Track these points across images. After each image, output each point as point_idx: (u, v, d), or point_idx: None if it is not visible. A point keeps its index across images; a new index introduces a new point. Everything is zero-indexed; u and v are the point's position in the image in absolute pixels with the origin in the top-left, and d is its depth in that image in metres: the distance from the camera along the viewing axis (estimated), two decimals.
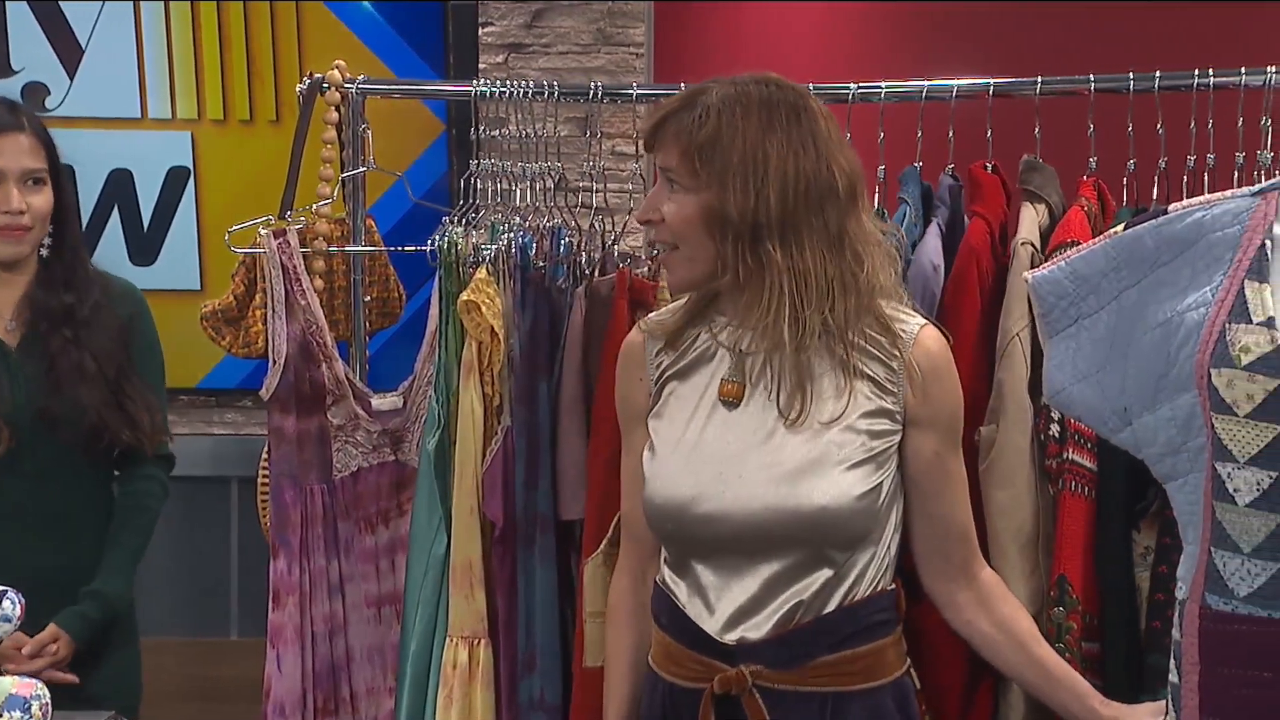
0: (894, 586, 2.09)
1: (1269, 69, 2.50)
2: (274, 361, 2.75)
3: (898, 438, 2.06)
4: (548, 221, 2.72)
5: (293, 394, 2.75)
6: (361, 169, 2.88)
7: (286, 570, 2.76)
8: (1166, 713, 1.89)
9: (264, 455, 2.89)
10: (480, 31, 3.94)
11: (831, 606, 2.02)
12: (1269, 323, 1.78)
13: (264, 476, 2.89)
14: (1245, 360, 1.78)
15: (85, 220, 3.92)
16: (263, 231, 2.79)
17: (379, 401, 2.83)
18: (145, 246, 3.99)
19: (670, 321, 2.13)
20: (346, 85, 2.85)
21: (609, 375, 2.32)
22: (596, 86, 2.77)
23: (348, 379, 2.80)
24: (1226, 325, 1.81)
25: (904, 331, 2.06)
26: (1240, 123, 2.52)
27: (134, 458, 2.88)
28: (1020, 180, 2.54)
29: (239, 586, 4.02)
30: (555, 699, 2.60)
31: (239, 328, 2.88)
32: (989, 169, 2.56)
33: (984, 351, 2.44)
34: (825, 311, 2.00)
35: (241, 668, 3.71)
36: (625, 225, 2.76)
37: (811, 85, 2.47)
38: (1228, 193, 1.93)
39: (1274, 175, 2.19)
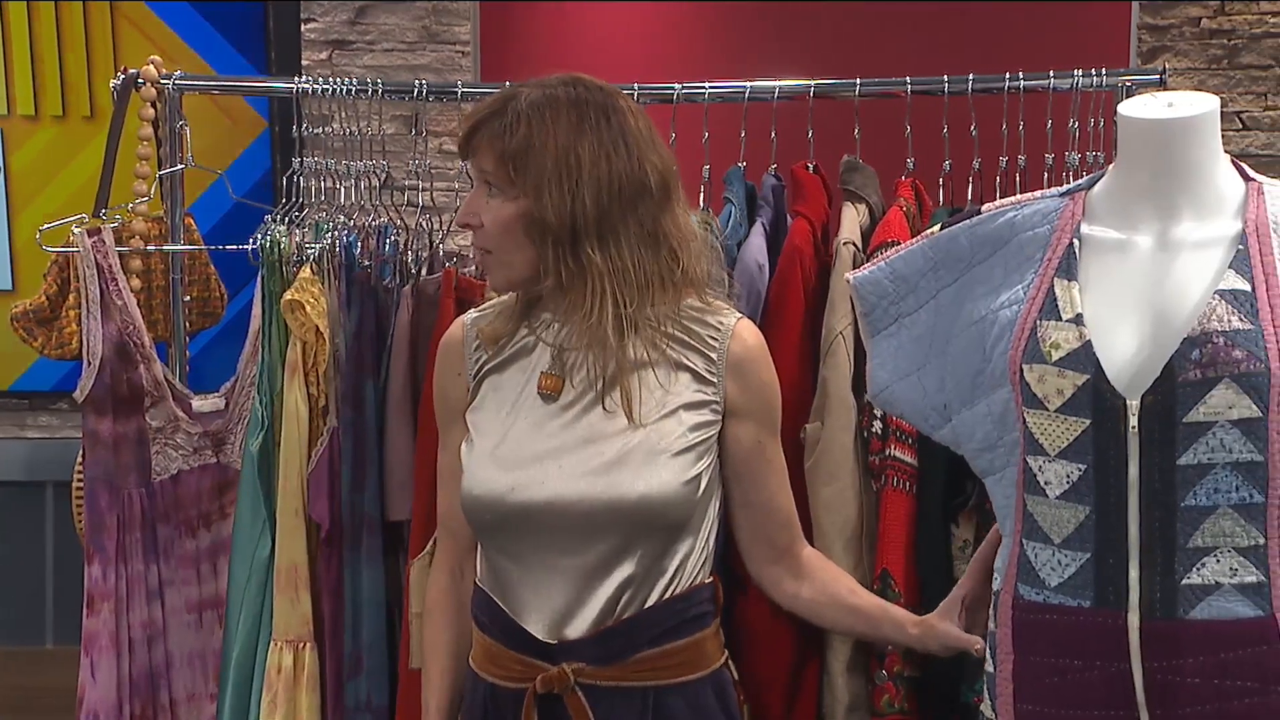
0: (712, 579, 2.11)
1: (1075, 72, 2.57)
2: (89, 363, 2.69)
3: (717, 428, 2.08)
4: (373, 220, 2.70)
5: (109, 396, 2.69)
6: (179, 166, 2.82)
7: (101, 576, 2.70)
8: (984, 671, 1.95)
9: (79, 459, 2.82)
10: (303, 28, 3.89)
11: (652, 600, 2.03)
12: (1077, 319, 1.83)
13: (79, 481, 2.82)
14: (1055, 356, 1.83)
15: None
16: (76, 230, 2.72)
17: (200, 403, 2.77)
18: None
19: (501, 326, 2.12)
20: (163, 81, 2.79)
21: None
22: (421, 85, 2.75)
23: (167, 380, 2.74)
24: (1038, 322, 1.86)
25: (721, 324, 2.08)
26: (1049, 125, 2.59)
27: None
28: (841, 180, 2.58)
29: (55, 594, 3.92)
30: (382, 701, 2.57)
31: (52, 328, 2.81)
32: (811, 169, 2.59)
33: (808, 349, 2.47)
34: (646, 307, 2.03)
35: (58, 677, 3.61)
36: (452, 223, 2.74)
37: (637, 85, 2.51)
38: (1038, 193, 1.99)
39: (1081, 176, 2.25)
